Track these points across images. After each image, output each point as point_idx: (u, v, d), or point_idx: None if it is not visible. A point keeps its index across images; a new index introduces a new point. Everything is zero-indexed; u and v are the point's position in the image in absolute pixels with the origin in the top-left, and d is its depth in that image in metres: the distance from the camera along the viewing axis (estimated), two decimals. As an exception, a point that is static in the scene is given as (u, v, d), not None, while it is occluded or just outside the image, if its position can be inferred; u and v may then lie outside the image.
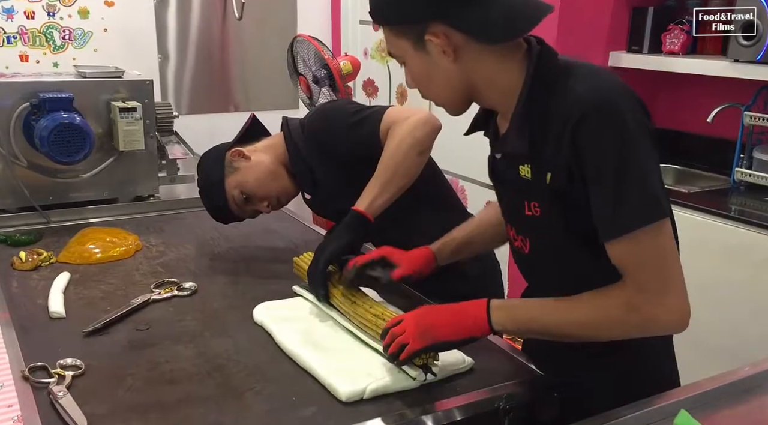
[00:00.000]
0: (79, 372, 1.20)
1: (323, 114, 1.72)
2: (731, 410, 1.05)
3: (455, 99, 1.14)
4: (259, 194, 1.71)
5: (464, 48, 1.06)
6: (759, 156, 2.51)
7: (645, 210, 1.00)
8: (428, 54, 1.08)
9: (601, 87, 1.02)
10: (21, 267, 1.68)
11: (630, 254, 1.02)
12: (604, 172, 1.00)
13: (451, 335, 1.13)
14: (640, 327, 1.05)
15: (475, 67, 1.08)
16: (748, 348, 2.16)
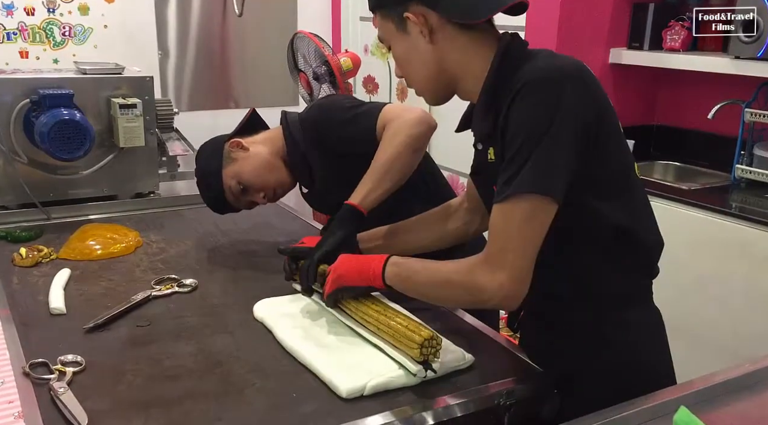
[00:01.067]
0: (80, 368, 1.20)
1: (321, 108, 1.73)
2: (731, 407, 1.06)
3: (432, 84, 1.20)
4: (255, 185, 1.73)
5: (440, 30, 1.14)
6: (759, 153, 2.50)
7: (530, 180, 1.02)
8: (409, 35, 1.16)
9: (555, 65, 1.06)
10: (21, 264, 1.68)
11: (494, 220, 1.08)
12: (516, 138, 1.04)
13: (353, 281, 1.27)
14: (468, 291, 1.11)
15: (449, 49, 1.15)
16: (748, 345, 2.16)
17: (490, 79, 1.13)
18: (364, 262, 1.27)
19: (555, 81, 1.03)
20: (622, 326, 1.17)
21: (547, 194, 1.03)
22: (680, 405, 0.99)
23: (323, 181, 1.74)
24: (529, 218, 1.04)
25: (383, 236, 1.52)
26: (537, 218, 1.04)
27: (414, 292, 1.23)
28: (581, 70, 1.07)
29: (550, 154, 1.02)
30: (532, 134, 1.03)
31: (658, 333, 1.22)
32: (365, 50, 4.03)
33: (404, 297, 1.27)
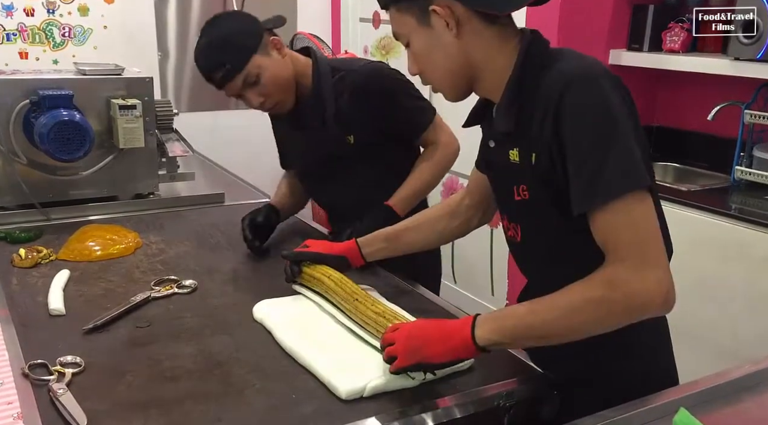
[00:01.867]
0: (79, 369, 1.20)
1: (386, 77, 1.80)
2: (731, 408, 1.06)
3: (454, 81, 1.16)
4: (269, 88, 1.72)
5: (467, 23, 1.10)
6: (759, 154, 2.51)
7: (623, 178, 0.98)
8: (432, 29, 1.11)
9: (587, 64, 1.06)
10: (21, 265, 1.68)
11: (608, 226, 1.00)
12: (584, 140, 1.00)
13: (439, 356, 1.09)
14: (623, 305, 0.99)
15: (475, 44, 1.11)
16: (747, 346, 2.16)
17: (515, 76, 1.10)
18: (448, 332, 1.09)
19: (601, 80, 1.02)
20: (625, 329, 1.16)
21: (642, 188, 1.00)
22: (680, 406, 0.99)
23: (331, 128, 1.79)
24: (641, 214, 1.00)
25: (385, 238, 1.52)
26: (646, 206, 1.00)
27: (530, 339, 1.09)
28: (607, 69, 1.07)
29: (627, 148, 1.00)
30: (604, 134, 1.00)
31: (662, 337, 1.22)
32: (365, 51, 4.03)
33: (403, 298, 1.26)
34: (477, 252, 3.39)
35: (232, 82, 1.69)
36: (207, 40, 1.70)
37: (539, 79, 1.07)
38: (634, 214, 0.99)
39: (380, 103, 1.75)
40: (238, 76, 1.68)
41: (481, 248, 3.36)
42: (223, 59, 1.68)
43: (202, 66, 1.72)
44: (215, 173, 2.70)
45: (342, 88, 1.77)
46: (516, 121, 1.10)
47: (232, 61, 1.68)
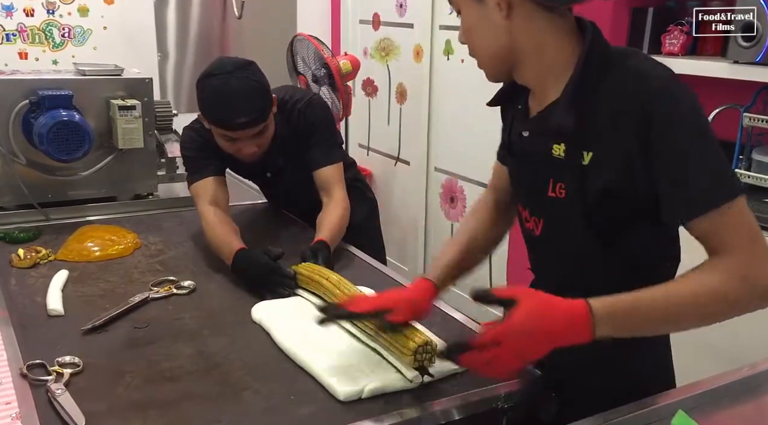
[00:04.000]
0: (78, 369, 1.20)
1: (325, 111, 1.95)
2: (730, 410, 1.06)
3: (497, 61, 1.11)
4: (266, 141, 1.81)
5: (519, 5, 1.04)
6: (758, 157, 2.50)
7: (730, 183, 1.03)
8: (484, 5, 1.06)
9: (664, 67, 1.03)
10: (19, 265, 1.68)
11: (726, 226, 1.02)
12: (685, 144, 1.00)
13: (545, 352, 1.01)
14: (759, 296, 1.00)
15: (526, 29, 1.06)
16: (746, 349, 2.16)
17: (580, 70, 1.05)
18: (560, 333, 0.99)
19: (685, 86, 1.02)
20: None
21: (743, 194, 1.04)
22: (678, 408, 0.99)
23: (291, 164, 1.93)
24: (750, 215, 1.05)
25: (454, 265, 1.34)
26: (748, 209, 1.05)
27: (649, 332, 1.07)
28: None
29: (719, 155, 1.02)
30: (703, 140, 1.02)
31: (660, 339, 1.21)
32: (364, 53, 4.04)
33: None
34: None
35: (253, 128, 1.72)
36: (247, 83, 1.69)
37: (605, 76, 1.04)
38: (746, 215, 1.05)
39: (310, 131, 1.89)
40: (261, 124, 1.73)
41: (480, 250, 3.36)
42: (262, 105, 1.72)
43: (245, 105, 1.68)
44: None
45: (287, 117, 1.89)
46: (576, 118, 1.06)
47: (267, 107, 1.74)
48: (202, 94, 1.72)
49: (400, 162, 3.94)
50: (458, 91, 3.33)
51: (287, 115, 1.87)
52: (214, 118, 1.72)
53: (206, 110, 1.73)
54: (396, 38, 3.78)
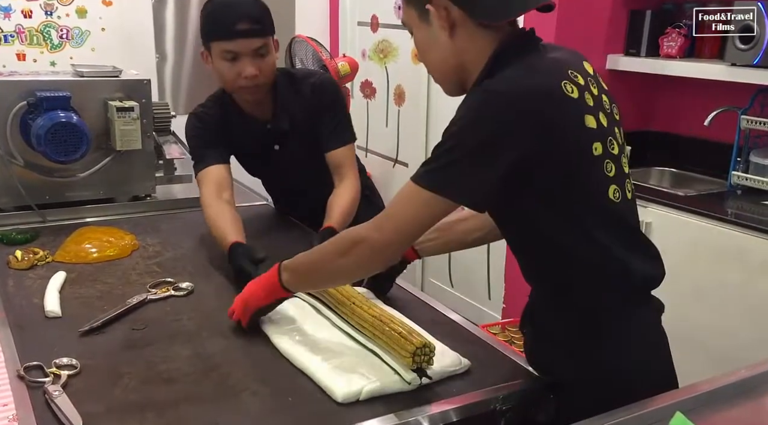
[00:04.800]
0: (75, 371, 1.19)
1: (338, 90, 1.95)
2: (727, 412, 1.06)
3: (449, 77, 1.19)
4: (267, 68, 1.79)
5: (461, 26, 1.12)
6: (756, 160, 2.51)
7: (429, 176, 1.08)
8: (430, 26, 1.14)
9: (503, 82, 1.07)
10: (17, 266, 1.68)
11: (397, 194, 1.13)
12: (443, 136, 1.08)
13: (261, 300, 1.32)
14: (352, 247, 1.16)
15: (468, 46, 1.13)
16: (743, 351, 2.16)
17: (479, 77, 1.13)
18: (264, 278, 1.32)
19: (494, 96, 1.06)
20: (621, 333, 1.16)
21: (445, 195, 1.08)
22: (676, 410, 0.99)
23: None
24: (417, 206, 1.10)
25: (435, 229, 1.43)
26: (425, 205, 1.09)
27: (315, 281, 1.29)
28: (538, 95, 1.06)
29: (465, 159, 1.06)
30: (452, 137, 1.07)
31: (660, 338, 1.21)
32: (363, 55, 4.04)
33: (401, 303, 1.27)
34: (474, 256, 3.39)
35: (255, 39, 1.72)
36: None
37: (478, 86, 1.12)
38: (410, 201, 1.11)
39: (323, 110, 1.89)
40: (262, 39, 1.74)
41: (478, 252, 3.36)
42: (263, 17, 1.75)
43: (247, 10, 1.73)
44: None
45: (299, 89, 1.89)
46: None
47: (268, 23, 1.76)
48: (205, 12, 1.78)
49: (399, 164, 3.94)
50: (456, 93, 3.33)
51: (297, 86, 1.88)
52: (214, 28, 1.75)
53: (208, 25, 1.77)
54: (394, 40, 3.78)
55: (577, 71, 1.12)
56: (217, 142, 1.89)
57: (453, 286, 3.60)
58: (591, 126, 1.11)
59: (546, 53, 1.14)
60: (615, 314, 1.16)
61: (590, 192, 1.13)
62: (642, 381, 1.14)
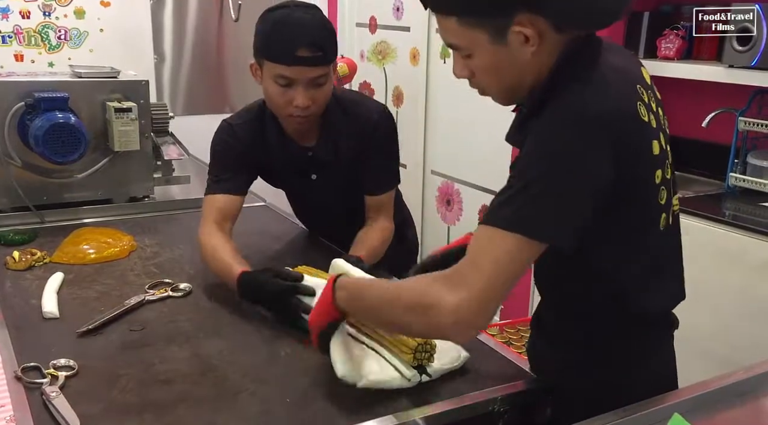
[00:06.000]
0: (73, 372, 1.19)
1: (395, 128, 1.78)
2: (725, 414, 1.06)
3: (517, 91, 1.07)
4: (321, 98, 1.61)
5: (546, 38, 1.00)
6: (753, 161, 2.51)
7: (511, 216, 0.96)
8: (507, 46, 1.00)
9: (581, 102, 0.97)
10: (14, 267, 1.67)
11: (472, 243, 1.00)
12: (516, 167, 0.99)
13: (318, 322, 1.17)
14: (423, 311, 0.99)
15: (550, 57, 1.02)
16: (741, 352, 2.16)
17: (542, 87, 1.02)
18: (322, 295, 1.18)
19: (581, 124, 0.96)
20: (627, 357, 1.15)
21: (524, 234, 0.95)
22: (674, 412, 0.99)
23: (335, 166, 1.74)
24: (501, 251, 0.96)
25: None
26: (513, 250, 0.96)
27: (367, 314, 1.15)
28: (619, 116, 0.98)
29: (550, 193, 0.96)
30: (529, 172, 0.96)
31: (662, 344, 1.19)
32: (361, 56, 4.04)
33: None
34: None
35: (315, 68, 1.54)
36: (315, 17, 1.56)
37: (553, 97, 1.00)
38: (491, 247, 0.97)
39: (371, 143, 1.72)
40: (323, 68, 1.56)
41: (476, 254, 3.36)
42: (328, 43, 1.56)
43: (311, 34, 1.52)
44: (210, 176, 2.69)
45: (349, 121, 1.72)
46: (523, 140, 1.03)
47: (332, 50, 1.58)
48: (262, 26, 1.56)
49: (397, 165, 3.94)
50: (455, 94, 3.34)
51: (350, 117, 1.70)
52: (271, 49, 1.53)
53: (264, 42, 1.55)
54: (393, 41, 3.78)
55: (641, 85, 1.06)
56: (241, 164, 1.72)
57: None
58: (656, 153, 1.05)
59: (609, 59, 1.04)
60: (628, 333, 1.14)
61: (643, 224, 1.07)
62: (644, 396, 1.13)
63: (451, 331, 0.99)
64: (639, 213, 1.07)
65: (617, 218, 1.03)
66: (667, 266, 1.15)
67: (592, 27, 1.03)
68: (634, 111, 1.01)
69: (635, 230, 1.07)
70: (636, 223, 1.07)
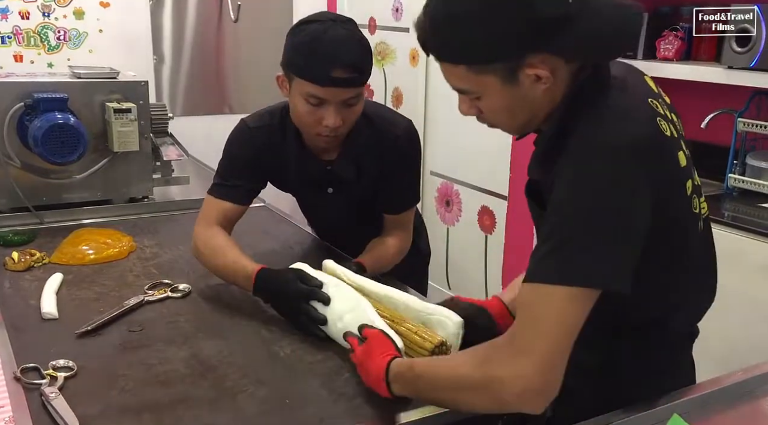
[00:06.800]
0: (72, 373, 1.19)
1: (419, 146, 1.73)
2: (724, 415, 1.06)
3: (529, 125, 1.05)
4: (351, 118, 1.53)
5: (558, 72, 0.98)
6: (752, 162, 2.52)
7: (562, 268, 0.90)
8: (519, 86, 0.97)
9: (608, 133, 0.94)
10: (14, 268, 1.67)
11: (520, 304, 0.95)
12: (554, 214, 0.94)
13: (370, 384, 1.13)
14: (484, 387, 0.94)
15: (561, 90, 1.00)
16: (740, 353, 2.16)
17: (558, 118, 0.99)
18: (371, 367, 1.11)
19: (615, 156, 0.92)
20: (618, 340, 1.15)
21: (579, 285, 0.90)
22: (673, 412, 0.99)
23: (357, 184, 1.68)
24: (555, 308, 0.91)
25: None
26: (570, 304, 0.90)
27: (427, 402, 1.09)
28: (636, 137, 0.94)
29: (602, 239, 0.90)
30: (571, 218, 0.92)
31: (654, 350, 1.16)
32: (360, 57, 4.04)
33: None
34: (471, 258, 3.39)
35: (349, 89, 1.46)
36: (353, 35, 1.46)
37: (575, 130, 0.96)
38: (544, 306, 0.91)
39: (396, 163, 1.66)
40: (357, 89, 1.48)
41: (476, 255, 3.36)
42: (365, 63, 1.48)
43: (348, 54, 1.43)
44: (210, 177, 2.68)
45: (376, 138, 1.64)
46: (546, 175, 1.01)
47: (368, 69, 1.49)
48: (294, 40, 1.46)
49: (396, 166, 3.93)
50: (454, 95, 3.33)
51: (376, 134, 1.61)
52: (304, 68, 1.43)
53: (296, 58, 1.45)
54: (392, 42, 3.78)
55: (652, 97, 1.03)
56: (254, 172, 1.65)
57: (450, 288, 3.60)
58: (683, 165, 1.02)
59: (617, 76, 1.02)
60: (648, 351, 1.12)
61: (682, 240, 1.04)
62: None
63: (520, 402, 0.92)
64: (678, 234, 1.03)
65: (657, 247, 0.98)
66: (701, 275, 1.13)
67: (608, 57, 1.01)
68: (656, 129, 0.98)
69: (676, 251, 1.04)
70: (676, 243, 1.03)
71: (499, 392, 0.92)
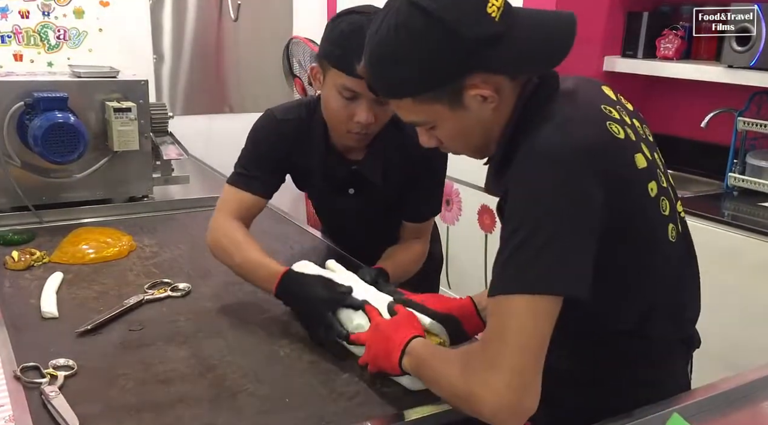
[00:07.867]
0: (72, 372, 1.19)
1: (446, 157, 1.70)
2: (724, 417, 1.06)
3: (488, 146, 1.07)
4: (384, 116, 1.49)
5: (503, 89, 0.99)
6: (752, 161, 2.52)
7: (518, 277, 0.91)
8: (466, 109, 0.99)
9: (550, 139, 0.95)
10: (13, 267, 1.67)
11: (488, 315, 0.96)
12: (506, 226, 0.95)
13: (386, 367, 1.15)
14: (465, 399, 0.95)
15: (509, 106, 1.01)
16: (740, 355, 2.16)
17: (508, 134, 1.01)
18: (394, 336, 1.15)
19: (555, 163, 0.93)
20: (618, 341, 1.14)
21: (540, 293, 0.90)
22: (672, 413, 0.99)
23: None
24: (520, 320, 0.91)
25: None
26: (533, 314, 0.91)
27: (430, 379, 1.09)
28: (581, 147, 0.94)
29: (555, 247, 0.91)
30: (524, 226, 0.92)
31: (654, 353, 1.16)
32: (360, 56, 4.03)
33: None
34: (471, 258, 3.39)
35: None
36: None
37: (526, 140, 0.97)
38: (509, 317, 0.91)
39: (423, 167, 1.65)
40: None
41: (476, 254, 3.36)
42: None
43: None
44: (210, 176, 2.70)
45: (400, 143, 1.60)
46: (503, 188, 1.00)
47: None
48: (334, 29, 1.42)
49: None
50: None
51: (404, 140, 1.56)
52: (340, 57, 1.39)
53: (332, 48, 1.41)
54: (392, 41, 3.78)
55: (606, 104, 1.04)
56: (277, 164, 1.62)
57: (450, 287, 3.60)
58: (641, 166, 1.02)
59: (566, 88, 1.04)
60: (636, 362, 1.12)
61: (648, 242, 1.04)
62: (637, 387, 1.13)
63: (496, 419, 0.91)
64: (643, 232, 1.03)
65: (617, 249, 0.99)
66: (681, 282, 1.14)
67: (546, 67, 1.01)
68: (604, 132, 0.98)
69: (641, 253, 1.04)
70: (640, 245, 1.03)
71: (479, 407, 0.92)
